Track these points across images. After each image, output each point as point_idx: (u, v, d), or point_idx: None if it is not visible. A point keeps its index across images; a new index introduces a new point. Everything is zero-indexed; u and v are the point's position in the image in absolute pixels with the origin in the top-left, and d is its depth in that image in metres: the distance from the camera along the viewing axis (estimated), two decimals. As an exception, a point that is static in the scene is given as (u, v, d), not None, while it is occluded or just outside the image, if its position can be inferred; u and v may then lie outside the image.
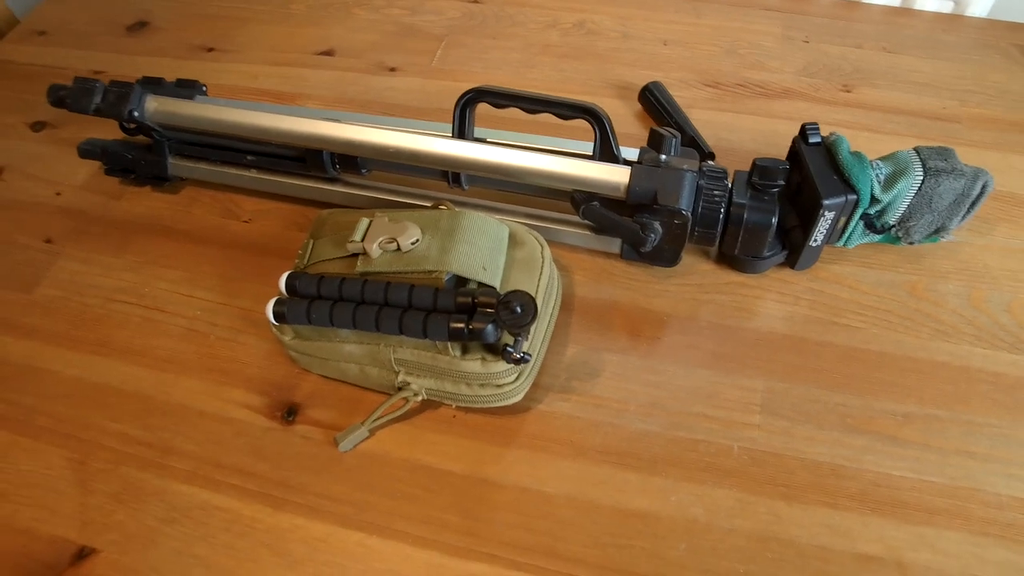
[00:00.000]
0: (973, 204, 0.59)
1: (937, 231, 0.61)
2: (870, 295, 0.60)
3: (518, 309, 0.48)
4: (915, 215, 0.59)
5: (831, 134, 0.60)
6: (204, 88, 0.72)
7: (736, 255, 0.61)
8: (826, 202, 0.56)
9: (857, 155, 0.58)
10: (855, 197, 0.57)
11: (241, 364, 0.59)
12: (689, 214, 0.56)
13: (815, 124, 0.60)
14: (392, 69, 0.82)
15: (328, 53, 0.85)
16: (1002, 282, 0.61)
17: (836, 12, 0.86)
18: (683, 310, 0.60)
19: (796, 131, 0.60)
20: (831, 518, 0.49)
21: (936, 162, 0.58)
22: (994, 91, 0.77)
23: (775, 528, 0.49)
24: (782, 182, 0.58)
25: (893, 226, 0.61)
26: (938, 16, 0.85)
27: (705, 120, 0.73)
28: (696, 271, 0.62)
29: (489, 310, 0.49)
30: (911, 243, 0.62)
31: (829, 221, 0.57)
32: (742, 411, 0.54)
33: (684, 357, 0.57)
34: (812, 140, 0.60)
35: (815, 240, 0.59)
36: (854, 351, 0.57)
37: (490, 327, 0.48)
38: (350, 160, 0.66)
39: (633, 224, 0.57)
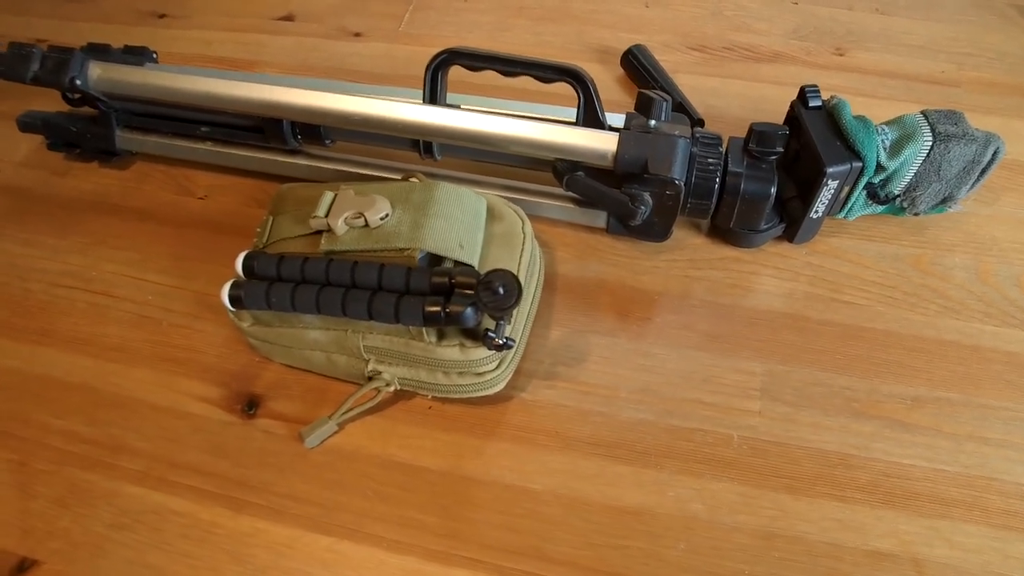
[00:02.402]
0: (983, 172, 0.54)
1: (944, 201, 0.56)
2: (873, 270, 0.55)
3: (500, 290, 0.42)
4: (922, 184, 0.54)
5: (832, 97, 0.54)
6: (154, 55, 0.65)
7: (731, 228, 0.56)
8: (830, 170, 0.50)
9: (862, 119, 0.52)
10: (860, 164, 0.51)
11: (197, 353, 0.52)
12: (682, 184, 0.51)
13: (815, 86, 0.55)
14: (357, 34, 0.75)
15: (288, 18, 0.78)
16: (1011, 255, 0.57)
17: (825, -28, 0.80)
18: (675, 288, 0.54)
19: (787, 97, 0.55)
20: (840, 512, 0.44)
21: (946, 126, 0.52)
22: (992, 53, 0.72)
23: (781, 524, 0.44)
24: (781, 149, 0.53)
25: (898, 196, 0.55)
26: (931, -24, 0.80)
27: (691, 85, 0.67)
28: (687, 246, 0.57)
29: (468, 291, 0.43)
30: (916, 214, 0.57)
31: (832, 190, 0.52)
32: (741, 396, 0.49)
33: (677, 339, 0.52)
34: (812, 104, 0.54)
35: (816, 211, 0.53)
36: (858, 330, 0.52)
37: (469, 310, 0.42)
38: (313, 130, 0.59)
39: (621, 196, 0.51)
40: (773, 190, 0.52)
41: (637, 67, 0.69)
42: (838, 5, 0.77)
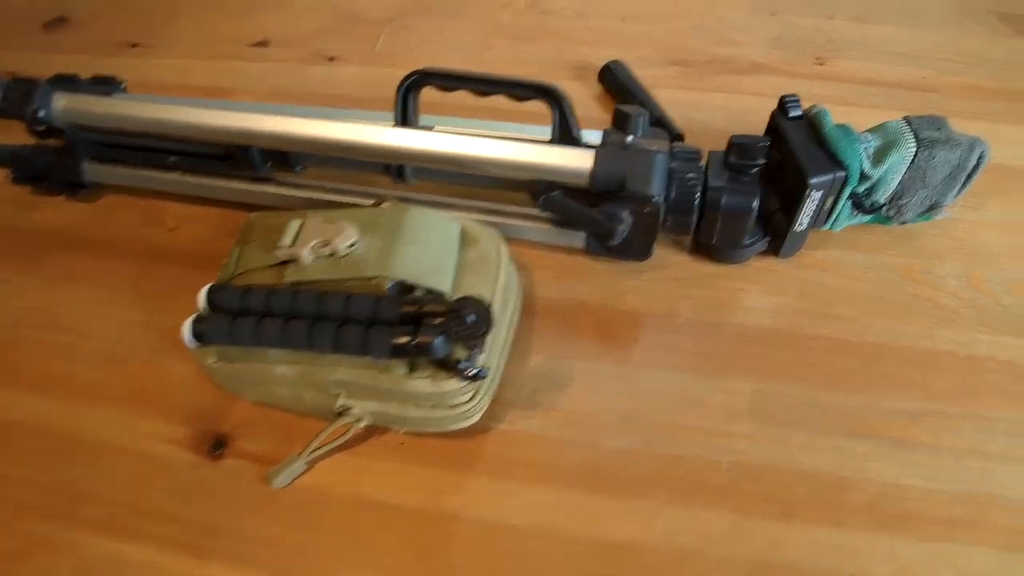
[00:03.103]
0: (969, 177, 0.52)
1: (930, 208, 0.54)
2: (862, 281, 0.53)
3: (471, 318, 0.39)
4: (908, 191, 0.52)
5: (813, 106, 0.52)
6: (123, 85, 0.63)
7: (714, 244, 0.53)
8: (813, 180, 0.48)
9: (843, 128, 0.50)
10: (843, 174, 0.49)
11: (164, 392, 0.50)
12: (661, 200, 0.48)
13: (795, 96, 0.52)
14: (331, 58, 0.73)
15: (263, 44, 0.76)
16: (1002, 260, 0.54)
17: (804, -18, 0.79)
18: (658, 307, 0.52)
19: (770, 108, 0.53)
20: (836, 537, 0.41)
21: (929, 132, 0.50)
22: (974, 59, 0.70)
23: (775, 553, 0.41)
24: (763, 161, 0.50)
25: (884, 205, 0.53)
26: (909, -17, 0.78)
27: (672, 99, 0.65)
28: (670, 264, 0.54)
29: (439, 320, 0.41)
30: (903, 222, 0.55)
31: (816, 202, 0.50)
32: (730, 419, 0.46)
33: (662, 360, 0.49)
34: (793, 114, 0.52)
35: (800, 224, 0.51)
36: (849, 344, 0.49)
37: (439, 340, 0.39)
38: (282, 156, 0.57)
39: (598, 215, 0.49)
40: (755, 204, 0.50)
41: (615, 83, 0.67)
42: (818, 15, 0.75)
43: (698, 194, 0.50)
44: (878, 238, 0.56)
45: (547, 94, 0.50)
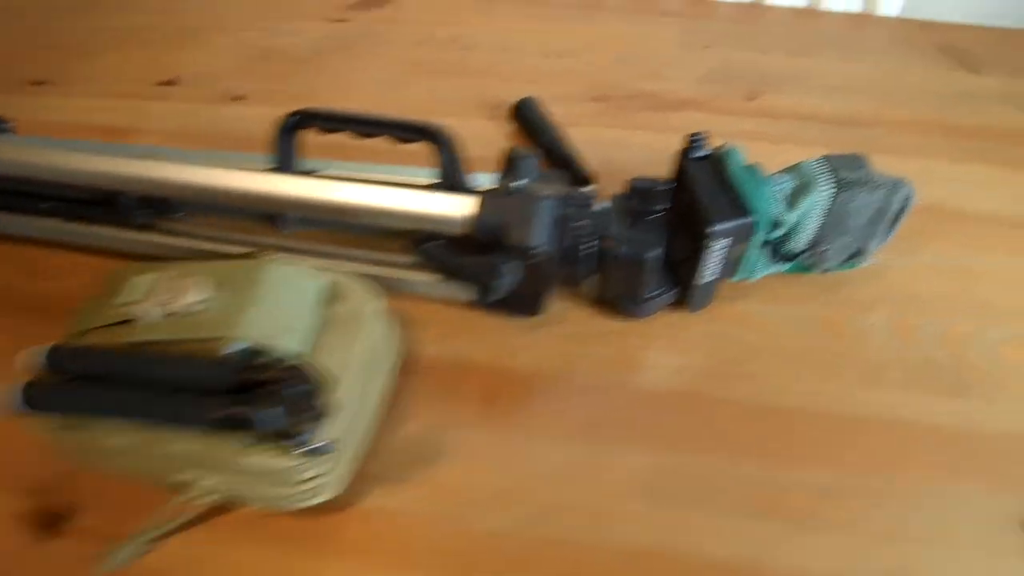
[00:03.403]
0: (894, 220, 0.48)
1: (854, 255, 0.49)
2: (780, 336, 0.48)
3: (301, 388, 0.34)
4: (827, 237, 0.47)
5: (723, 145, 0.48)
6: (9, 125, 0.59)
7: (616, 297, 0.48)
8: (713, 228, 0.43)
9: (751, 169, 0.46)
10: (750, 220, 0.44)
11: (12, 460, 0.44)
12: (547, 251, 0.44)
13: (699, 134, 0.48)
14: (239, 97, 0.69)
15: (170, 83, 0.72)
16: (934, 309, 0.50)
17: (738, 16, 0.75)
18: (552, 367, 0.47)
19: None
20: (734, 638, 0.36)
21: (848, 173, 0.46)
22: (913, 92, 0.66)
23: (660, 657, 0.35)
24: (664, 206, 0.46)
25: (803, 252, 0.48)
26: (847, 16, 0.75)
27: (591, 138, 0.60)
28: (569, 319, 0.49)
29: (276, 387, 0.36)
30: (826, 271, 0.50)
31: (720, 251, 0.45)
32: (620, 496, 0.41)
33: (549, 428, 0.44)
34: (698, 154, 0.48)
35: (705, 275, 0.46)
36: (761, 409, 0.44)
37: (263, 412, 0.34)
38: (163, 202, 0.53)
39: (477, 267, 0.44)
40: (655, 253, 0.45)
41: (527, 121, 0.63)
42: (752, 48, 0.72)
43: (594, 243, 0.45)
44: (801, 288, 0.51)
45: (430, 135, 0.46)
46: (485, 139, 0.59)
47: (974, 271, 0.52)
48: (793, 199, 0.46)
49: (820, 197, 0.46)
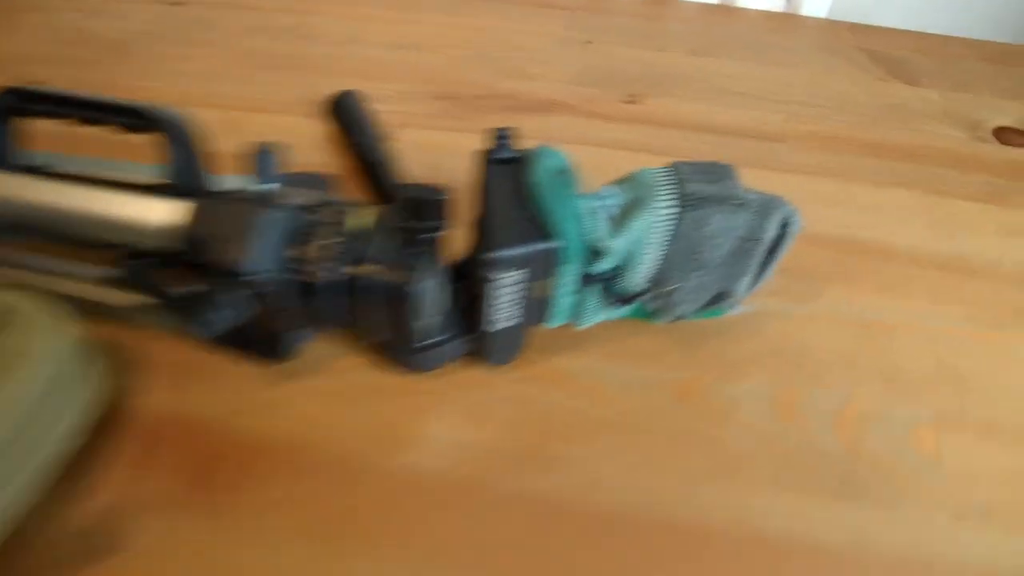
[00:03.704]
0: (770, 253, 0.35)
1: (718, 299, 0.36)
2: (611, 406, 0.35)
3: None
4: (675, 273, 0.34)
5: (540, 146, 0.35)
6: None
7: (385, 344, 0.35)
8: (494, 256, 0.31)
9: (564, 177, 0.33)
10: (553, 246, 0.31)
11: None
12: (272, 276, 0.31)
13: (505, 131, 0.35)
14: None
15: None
16: (827, 377, 0.37)
17: (639, 10, 0.64)
18: (298, 434, 0.34)
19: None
20: None
21: (699, 185, 0.33)
22: (834, 102, 0.55)
23: None
24: (439, 224, 0.33)
25: (643, 292, 0.35)
26: (767, 15, 0.63)
27: (422, 141, 0.48)
28: (334, 369, 0.36)
29: None
30: (680, 318, 0.37)
31: (513, 287, 0.32)
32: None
33: (276, 521, 0.31)
34: (501, 156, 0.35)
35: (499, 318, 0.33)
36: (571, 511, 0.31)
37: None
38: None
39: (191, 293, 0.31)
40: (425, 284, 0.32)
41: (343, 119, 0.50)
42: (645, 46, 0.60)
43: (340, 271, 0.32)
44: (648, 341, 0.38)
45: (160, 124, 0.33)
46: (306, 138, 0.47)
47: (885, 325, 0.40)
48: (622, 220, 0.34)
49: (656, 218, 0.33)
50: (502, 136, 0.36)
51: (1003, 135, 0.54)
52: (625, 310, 0.37)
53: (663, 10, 0.65)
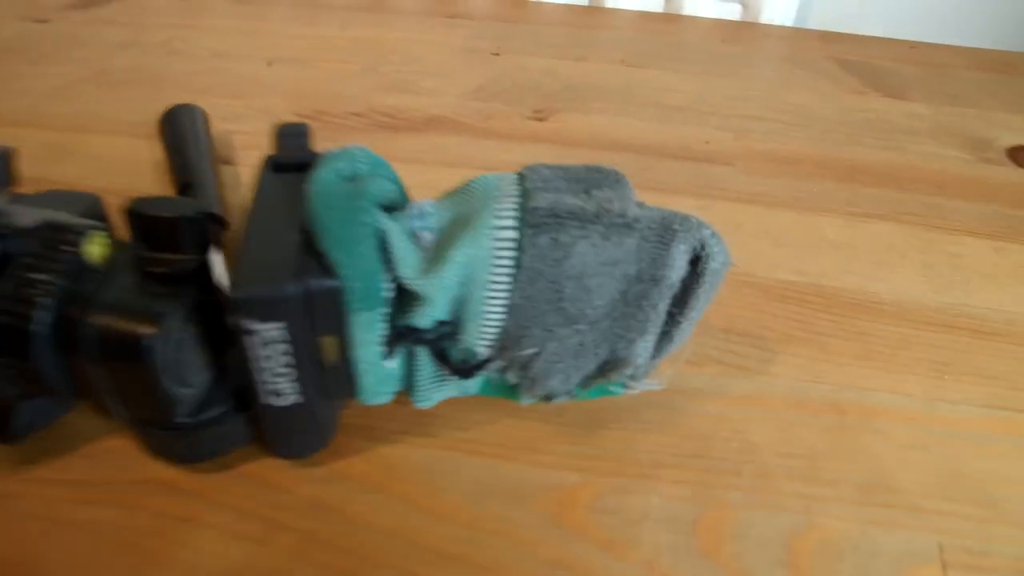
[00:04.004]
0: (682, 301, 0.23)
1: (607, 369, 0.24)
2: (453, 522, 0.23)
3: None
4: (532, 329, 0.22)
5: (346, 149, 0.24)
6: None
7: (141, 421, 0.23)
8: (237, 296, 0.18)
9: (356, 187, 0.21)
10: (331, 285, 0.19)
11: None
12: None
13: (297, 126, 0.24)
14: None
15: None
16: (782, 486, 0.24)
17: (564, 18, 0.54)
18: (15, 553, 0.21)
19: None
20: None
21: (553, 196, 0.22)
22: (797, 117, 0.44)
23: None
24: (193, 257, 0.21)
25: (488, 360, 0.23)
26: (719, 24, 0.53)
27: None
28: (78, 454, 0.24)
29: None
30: (551, 399, 0.24)
31: (276, 345, 0.20)
32: None
33: None
34: (285, 160, 0.24)
35: (274, 390, 0.21)
36: None
37: None
38: None
39: None
40: (168, 338, 0.20)
41: (168, 139, 0.39)
42: (564, 56, 0.49)
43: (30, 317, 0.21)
44: (525, 425, 0.26)
45: None
46: (125, 161, 0.37)
47: (866, 410, 0.28)
48: (440, 249, 0.22)
49: (485, 246, 0.21)
50: (288, 134, 0.25)
51: (1020, 156, 0.42)
52: (474, 385, 0.25)
53: (592, 19, 0.55)
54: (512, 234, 0.22)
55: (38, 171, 0.36)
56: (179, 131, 0.40)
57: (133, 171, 0.40)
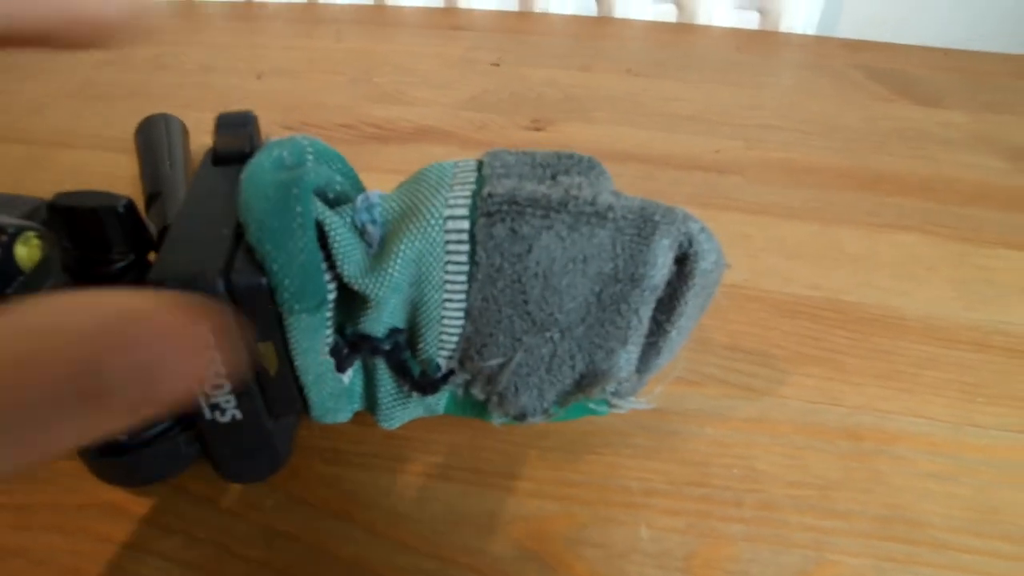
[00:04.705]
0: (670, 307, 0.22)
1: (586, 382, 0.23)
2: (419, 554, 0.21)
3: None
4: (497, 336, 0.21)
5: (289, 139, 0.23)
6: None
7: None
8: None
9: (293, 175, 0.20)
10: (256, 282, 0.18)
11: None
12: None
13: (246, 114, 0.24)
14: None
15: None
16: (790, 519, 0.23)
17: (569, 29, 0.54)
18: None
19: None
20: None
21: (511, 183, 0.20)
22: (815, 126, 0.43)
23: None
24: (121, 248, 0.21)
25: (452, 373, 0.22)
26: (733, 33, 0.53)
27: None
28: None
29: None
30: (522, 418, 0.23)
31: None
32: None
33: None
34: (225, 151, 0.23)
35: (213, 403, 0.20)
36: None
37: None
38: None
39: None
40: None
41: (141, 150, 0.39)
42: (566, 66, 0.49)
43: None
44: (500, 446, 0.25)
45: None
46: (100, 176, 0.37)
47: (887, 436, 0.26)
48: (387, 243, 0.21)
49: (434, 239, 0.20)
50: (229, 124, 0.24)
51: (1059, 165, 0.41)
52: (439, 402, 0.24)
53: (600, 29, 0.55)
54: (464, 224, 0.21)
55: (11, 185, 0.36)
56: (151, 141, 0.39)
57: (109, 185, 0.39)
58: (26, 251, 0.22)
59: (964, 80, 0.49)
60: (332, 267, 0.20)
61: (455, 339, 0.22)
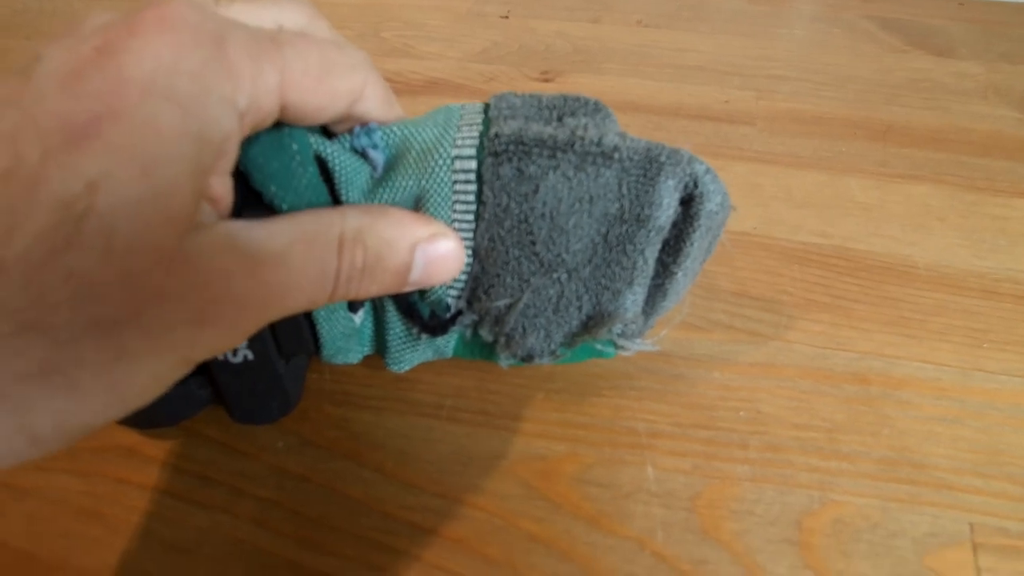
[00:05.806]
0: (676, 248, 0.22)
1: (592, 325, 0.22)
2: (426, 493, 0.22)
3: None
4: (503, 276, 0.21)
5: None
6: None
7: None
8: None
9: (286, 130, 0.20)
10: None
11: None
12: None
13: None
14: None
15: None
16: (795, 461, 0.23)
17: (578, -18, 0.52)
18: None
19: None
20: None
21: (517, 124, 0.20)
22: (827, 76, 0.42)
23: None
24: None
25: (460, 313, 0.22)
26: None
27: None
28: None
29: None
30: (529, 359, 0.23)
31: None
32: None
33: None
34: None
35: (235, 351, 0.20)
36: None
37: None
38: None
39: None
40: None
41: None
42: (577, 18, 0.48)
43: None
44: (511, 390, 0.25)
45: None
46: None
47: (894, 381, 0.26)
48: (386, 176, 0.21)
49: (441, 178, 0.20)
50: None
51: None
52: (449, 344, 0.24)
53: (614, -17, 0.53)
54: (471, 164, 0.20)
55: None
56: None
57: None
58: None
59: (978, 30, 0.48)
60: (339, 202, 0.20)
61: (463, 279, 0.22)
